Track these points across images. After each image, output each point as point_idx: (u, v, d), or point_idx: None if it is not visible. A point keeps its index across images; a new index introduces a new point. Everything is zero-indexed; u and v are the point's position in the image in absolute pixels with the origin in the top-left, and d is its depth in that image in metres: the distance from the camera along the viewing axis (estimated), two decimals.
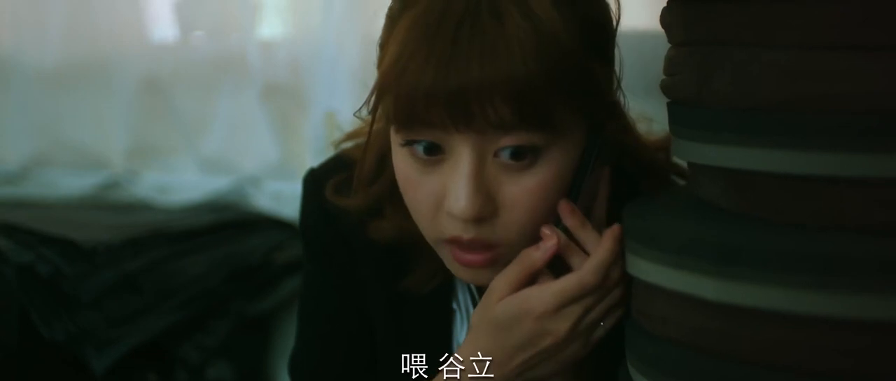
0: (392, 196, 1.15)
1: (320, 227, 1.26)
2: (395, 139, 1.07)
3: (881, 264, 0.77)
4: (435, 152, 1.04)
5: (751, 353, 0.83)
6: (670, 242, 0.88)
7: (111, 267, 1.74)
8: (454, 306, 1.22)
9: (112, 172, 2.11)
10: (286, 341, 1.66)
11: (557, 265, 1.06)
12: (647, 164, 1.19)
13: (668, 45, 0.99)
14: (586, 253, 1.06)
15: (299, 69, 1.98)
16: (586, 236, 1.06)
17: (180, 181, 2.08)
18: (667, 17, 0.95)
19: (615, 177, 1.12)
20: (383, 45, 1.08)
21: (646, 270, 0.91)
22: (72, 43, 2.10)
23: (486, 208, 1.03)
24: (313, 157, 1.78)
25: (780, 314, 0.80)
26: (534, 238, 1.06)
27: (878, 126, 0.79)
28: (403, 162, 1.07)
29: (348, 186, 1.20)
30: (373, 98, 1.05)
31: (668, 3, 0.95)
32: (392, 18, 1.07)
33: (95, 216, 1.97)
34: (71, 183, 2.11)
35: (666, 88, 0.95)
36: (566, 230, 1.06)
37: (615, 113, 1.14)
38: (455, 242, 1.06)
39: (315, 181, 1.26)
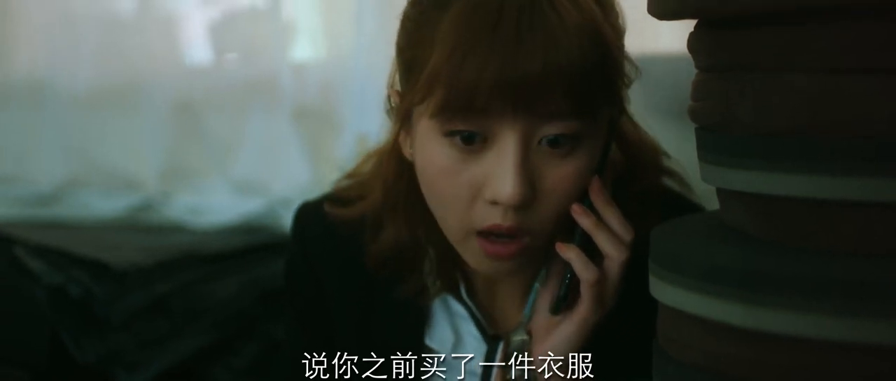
0: (390, 205, 1.18)
1: (302, 260, 1.30)
2: (431, 131, 1.07)
3: None
4: (475, 140, 1.05)
5: (774, 378, 0.82)
6: (696, 267, 0.87)
7: (142, 289, 1.75)
8: (427, 341, 1.22)
9: (144, 194, 2.11)
10: None
11: (589, 247, 1.09)
12: (636, 157, 1.21)
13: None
14: (612, 232, 1.09)
15: (330, 92, 2.00)
16: (610, 215, 1.09)
17: (212, 203, 2.08)
18: (693, 43, 0.95)
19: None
20: (414, 36, 1.08)
21: (671, 295, 0.91)
22: (105, 66, 2.11)
23: (530, 194, 1.05)
24: None
25: (805, 340, 0.79)
26: (562, 224, 1.09)
27: None
28: (439, 153, 1.07)
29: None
30: (419, 90, 1.05)
31: (694, 28, 0.95)
32: (425, 11, 1.08)
33: (127, 238, 1.97)
34: (103, 205, 2.12)
35: (693, 114, 0.95)
36: (591, 206, 1.09)
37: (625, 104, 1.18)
38: (490, 232, 1.07)
39: (305, 214, 1.30)
